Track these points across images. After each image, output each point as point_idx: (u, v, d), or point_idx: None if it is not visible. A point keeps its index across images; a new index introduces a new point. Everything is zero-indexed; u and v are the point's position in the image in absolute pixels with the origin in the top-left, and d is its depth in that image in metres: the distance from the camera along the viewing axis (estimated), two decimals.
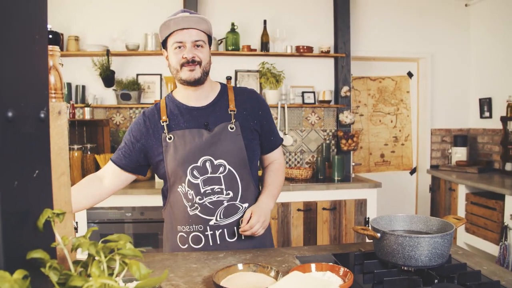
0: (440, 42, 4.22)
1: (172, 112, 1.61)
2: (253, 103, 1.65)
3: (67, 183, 0.99)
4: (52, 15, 3.66)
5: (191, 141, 1.55)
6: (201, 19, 1.52)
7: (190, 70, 1.51)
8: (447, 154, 4.25)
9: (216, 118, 1.59)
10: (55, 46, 0.98)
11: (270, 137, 1.70)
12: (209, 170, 1.55)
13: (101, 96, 3.75)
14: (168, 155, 1.56)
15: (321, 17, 4.03)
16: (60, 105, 0.97)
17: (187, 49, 1.49)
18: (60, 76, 0.99)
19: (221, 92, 1.65)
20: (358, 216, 3.41)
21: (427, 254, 1.25)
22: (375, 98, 4.34)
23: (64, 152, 0.98)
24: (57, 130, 0.97)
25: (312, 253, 1.55)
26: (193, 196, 1.55)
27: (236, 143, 1.57)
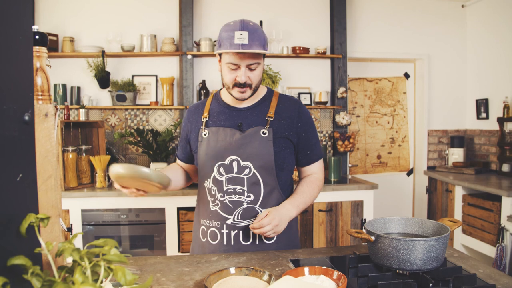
0: (436, 43, 4.22)
1: (213, 109, 1.68)
2: (293, 113, 1.65)
3: (54, 186, 0.97)
4: (47, 16, 3.64)
5: (222, 139, 1.59)
6: (259, 40, 1.49)
7: (241, 92, 1.55)
8: (444, 155, 4.24)
9: (252, 121, 1.61)
10: (42, 47, 0.96)
11: (307, 151, 1.67)
12: (235, 169, 1.58)
13: (97, 98, 3.73)
14: (201, 149, 1.63)
15: (318, 18, 4.02)
16: (47, 107, 0.95)
17: (241, 72, 1.51)
18: (47, 78, 0.97)
19: (265, 97, 1.67)
20: (354, 218, 3.39)
21: (422, 258, 1.23)
22: (372, 99, 4.33)
23: (52, 155, 0.96)
24: (44, 133, 0.95)
25: (307, 256, 1.53)
26: (216, 192, 1.60)
27: (265, 148, 1.57)
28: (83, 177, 3.25)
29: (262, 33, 1.52)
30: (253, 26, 1.50)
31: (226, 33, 1.49)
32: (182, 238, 3.16)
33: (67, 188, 3.08)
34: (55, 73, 3.66)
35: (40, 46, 0.95)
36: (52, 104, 0.95)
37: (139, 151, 3.77)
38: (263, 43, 1.51)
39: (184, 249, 3.16)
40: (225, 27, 1.51)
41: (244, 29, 1.47)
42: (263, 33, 1.52)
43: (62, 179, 3.04)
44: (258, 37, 1.49)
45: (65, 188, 3.05)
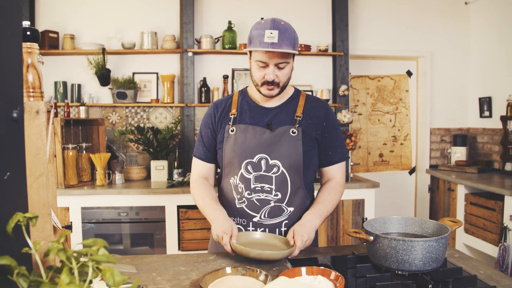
0: (439, 40, 4.18)
1: (241, 106, 1.67)
2: (320, 113, 1.65)
3: (45, 185, 0.95)
4: (47, 14, 3.63)
5: (251, 137, 1.59)
6: (289, 40, 1.48)
7: (269, 89, 1.55)
8: (447, 154, 4.21)
9: (281, 120, 1.62)
10: (33, 43, 0.95)
11: (328, 152, 1.67)
12: (263, 168, 1.58)
13: (97, 95, 3.72)
14: (227, 146, 1.61)
15: (319, 16, 3.99)
16: (38, 104, 0.93)
17: (270, 70, 1.51)
18: (38, 75, 0.95)
19: (293, 96, 1.68)
20: (355, 217, 3.37)
21: (421, 258, 1.21)
22: (374, 97, 4.30)
23: (43, 152, 0.94)
24: (35, 130, 0.93)
25: (305, 256, 1.52)
26: (243, 189, 1.60)
27: (294, 148, 1.58)
28: (83, 175, 3.24)
29: (293, 33, 1.51)
30: (284, 26, 1.49)
31: (256, 31, 1.50)
32: (182, 236, 3.15)
33: (67, 185, 3.07)
34: (56, 70, 3.66)
35: (32, 42, 0.94)
36: (43, 101, 0.93)
37: (139, 148, 3.76)
38: (293, 42, 1.49)
39: (184, 247, 3.15)
40: (256, 25, 1.52)
41: (275, 28, 1.46)
42: (293, 33, 1.51)
43: (62, 177, 3.03)
44: (288, 37, 1.48)
45: (65, 186, 3.04)
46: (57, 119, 3.00)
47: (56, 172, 3.04)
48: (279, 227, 1.60)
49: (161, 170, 3.46)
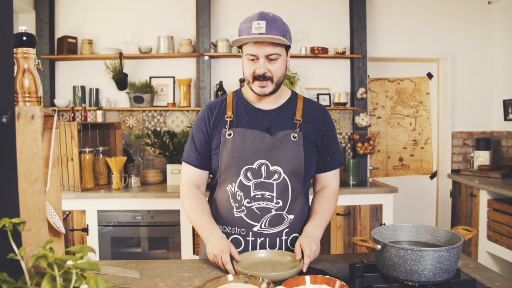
0: (461, 41, 4.05)
1: (237, 109, 1.58)
2: (319, 117, 1.60)
3: (41, 190, 0.95)
4: (67, 20, 3.70)
5: (250, 141, 1.51)
6: (277, 30, 1.42)
7: (261, 86, 1.47)
8: (469, 158, 4.07)
9: (280, 124, 1.55)
10: (30, 48, 0.94)
11: (327, 157, 1.62)
12: (263, 174, 1.50)
13: (115, 99, 3.76)
14: (225, 151, 1.53)
15: (337, 18, 3.93)
16: (34, 109, 0.93)
17: (260, 64, 1.44)
18: (35, 80, 0.95)
19: (290, 99, 1.61)
20: (373, 222, 3.29)
21: (431, 269, 1.16)
22: (393, 100, 4.21)
23: (38, 157, 0.94)
24: (30, 135, 0.93)
25: (313, 263, 1.47)
26: (242, 198, 1.51)
27: (296, 153, 1.52)
28: (100, 178, 3.27)
29: (283, 24, 1.45)
30: (273, 17, 1.44)
31: (244, 24, 1.45)
32: (197, 241, 3.14)
33: (84, 189, 3.11)
34: (75, 75, 3.72)
35: (28, 47, 0.93)
36: (39, 106, 0.93)
37: (156, 152, 3.78)
38: (283, 33, 1.43)
39: (199, 251, 3.13)
40: (244, 20, 1.47)
41: (262, 19, 1.41)
42: (284, 24, 1.45)
43: (78, 180, 3.07)
44: (277, 27, 1.42)
45: (81, 189, 3.08)
46: (74, 123, 3.04)
47: (73, 175, 3.09)
48: (280, 236, 1.53)
49: (177, 173, 3.47)
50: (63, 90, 3.73)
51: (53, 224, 1.25)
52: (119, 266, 1.46)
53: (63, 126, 3.11)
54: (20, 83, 0.93)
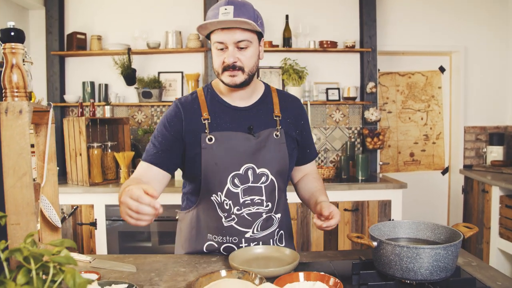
0: (475, 34, 3.95)
1: (213, 108, 1.45)
2: (296, 111, 1.55)
3: (29, 184, 0.95)
4: (76, 16, 3.73)
5: (235, 145, 1.41)
6: (247, 15, 1.31)
7: (231, 75, 1.35)
8: (482, 153, 3.98)
9: (261, 122, 1.46)
10: (18, 44, 0.95)
11: (306, 150, 1.60)
12: (251, 179, 1.43)
13: (123, 94, 3.78)
14: (206, 158, 1.40)
15: (346, 11, 3.87)
16: (22, 104, 0.94)
17: (229, 52, 1.33)
18: (23, 75, 0.95)
19: (265, 93, 1.53)
20: (382, 218, 3.25)
21: (427, 267, 1.13)
22: (404, 95, 4.14)
23: (26, 152, 0.94)
24: (18, 130, 0.94)
25: (310, 259, 1.46)
26: (231, 206, 1.43)
27: (280, 152, 1.46)
28: (108, 173, 3.31)
29: (253, 10, 1.34)
30: (241, 1, 1.34)
31: (211, 11, 1.34)
32: None
33: (92, 183, 3.14)
34: (84, 71, 3.75)
35: (16, 42, 0.94)
36: (27, 101, 0.93)
37: None
38: (253, 18, 1.32)
39: None
40: (212, 6, 1.36)
41: (229, 4, 1.30)
42: (254, 10, 1.35)
43: (87, 175, 3.10)
44: (246, 12, 1.31)
45: (89, 184, 3.11)
46: (82, 118, 3.07)
47: (82, 170, 3.12)
48: (272, 237, 1.50)
49: None
50: (73, 86, 3.77)
51: (49, 218, 1.26)
52: (117, 260, 1.47)
53: (72, 121, 3.14)
54: (8, 78, 0.93)
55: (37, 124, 1.30)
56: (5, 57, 0.94)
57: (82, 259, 1.46)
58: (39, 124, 1.30)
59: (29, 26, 3.69)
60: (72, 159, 3.18)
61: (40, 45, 3.67)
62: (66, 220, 2.93)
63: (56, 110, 3.66)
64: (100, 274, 1.28)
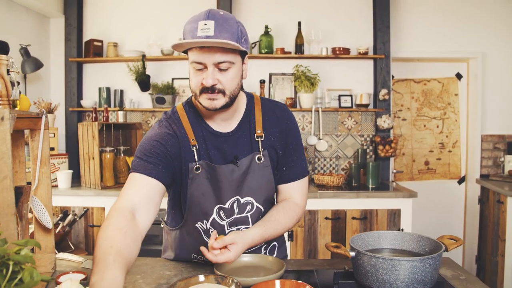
0: (493, 40, 3.85)
1: (198, 134, 1.34)
2: (283, 123, 1.40)
3: (9, 187, 1.00)
4: (93, 24, 3.86)
5: (221, 179, 1.33)
6: (229, 32, 1.17)
7: (210, 99, 1.22)
8: (499, 163, 3.87)
9: (243, 148, 1.35)
10: (2, 55, 1.00)
11: (282, 168, 1.42)
12: (236, 210, 1.37)
13: (138, 100, 3.88)
14: (193, 188, 1.33)
15: (359, 17, 3.85)
16: (3, 112, 0.99)
17: (208, 73, 1.18)
18: (6, 84, 1.01)
19: (248, 109, 1.38)
20: (391, 227, 3.20)
21: (403, 279, 1.12)
22: (420, 102, 4.07)
23: (7, 156, 0.99)
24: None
25: (295, 267, 1.46)
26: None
27: (264, 177, 1.37)
28: (120, 177, 3.39)
29: (236, 25, 1.19)
30: (223, 16, 1.19)
31: (189, 25, 1.19)
32: None
33: (104, 186, 3.23)
34: (100, 77, 3.87)
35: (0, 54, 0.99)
36: (8, 109, 0.98)
37: None
38: (236, 36, 1.18)
39: None
40: (189, 19, 1.21)
41: (210, 18, 1.16)
42: (237, 25, 1.20)
43: (99, 178, 3.19)
44: (229, 29, 1.17)
45: (101, 187, 3.20)
46: (95, 123, 3.17)
47: (94, 173, 3.21)
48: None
49: None
50: (90, 92, 3.89)
51: (39, 219, 1.32)
52: None
53: (86, 126, 3.24)
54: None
55: (32, 129, 1.37)
56: None
57: (75, 259, 1.51)
58: (34, 129, 1.36)
59: (49, 34, 3.84)
60: (86, 162, 3.28)
61: (59, 52, 3.82)
62: (77, 222, 3.02)
63: (73, 115, 3.79)
64: (87, 275, 1.33)
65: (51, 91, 3.88)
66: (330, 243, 1.25)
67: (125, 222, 1.08)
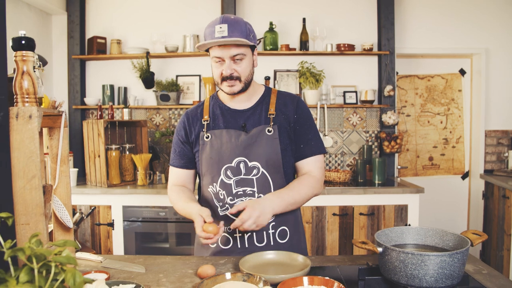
0: (496, 35, 3.86)
1: (214, 112, 1.65)
2: (291, 107, 1.64)
3: (38, 186, 0.99)
4: (96, 21, 3.83)
5: (227, 141, 1.57)
6: (239, 32, 1.47)
7: (230, 85, 1.53)
8: (503, 158, 3.88)
9: (255, 121, 1.60)
10: (28, 51, 0.98)
11: (300, 145, 1.63)
12: (243, 171, 1.56)
13: (142, 97, 3.85)
14: (204, 153, 1.59)
15: (364, 14, 3.85)
16: (31, 109, 0.97)
17: (226, 65, 1.50)
18: (33, 81, 0.99)
19: (264, 95, 1.66)
20: (398, 223, 3.21)
21: (432, 274, 1.12)
22: (423, 98, 4.07)
23: (35, 155, 0.98)
24: (27, 134, 0.97)
25: (317, 264, 1.46)
26: (225, 196, 1.57)
27: (272, 147, 1.56)
28: (126, 175, 3.37)
29: (245, 25, 1.51)
30: (234, 19, 1.50)
31: (208, 29, 1.51)
32: None
33: (110, 185, 3.21)
34: (104, 74, 3.85)
35: (27, 50, 0.97)
36: (36, 107, 0.97)
37: None
38: (245, 33, 1.49)
39: None
40: (208, 24, 1.53)
41: (224, 22, 1.47)
42: (246, 25, 1.51)
43: (105, 176, 3.17)
44: (239, 29, 1.48)
45: (107, 185, 3.18)
46: (101, 121, 3.15)
47: (100, 171, 3.19)
48: (267, 230, 1.57)
49: None
50: (93, 89, 3.86)
51: (60, 218, 1.30)
52: (128, 260, 1.50)
53: (91, 123, 3.22)
54: (19, 85, 0.98)
55: (51, 127, 1.35)
56: (16, 65, 0.98)
57: (94, 259, 1.50)
58: (53, 127, 1.34)
59: (52, 31, 3.80)
60: (91, 160, 3.26)
61: (62, 49, 3.78)
62: (84, 220, 3.00)
63: (77, 113, 3.76)
64: (109, 274, 1.31)
65: (53, 89, 3.85)
66: (357, 239, 1.24)
67: (180, 189, 1.66)
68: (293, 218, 1.66)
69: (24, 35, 0.97)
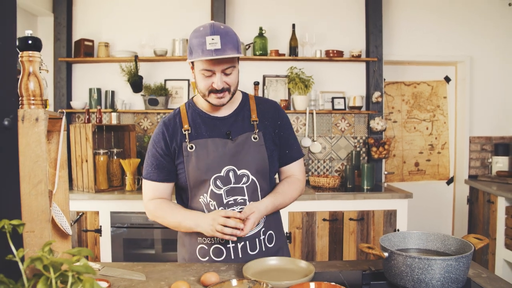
0: (480, 44, 3.96)
1: (193, 120, 1.57)
2: (273, 113, 1.63)
3: (44, 192, 0.96)
4: (83, 23, 3.77)
5: (214, 150, 1.52)
6: (231, 43, 1.40)
7: (219, 98, 1.47)
8: (487, 164, 3.97)
9: (239, 128, 1.57)
10: (35, 52, 0.96)
11: (285, 150, 1.65)
12: (232, 180, 1.52)
13: (130, 102, 3.80)
14: (190, 164, 1.53)
15: (352, 21, 3.90)
16: (38, 112, 0.94)
17: (218, 78, 1.43)
18: (39, 83, 0.96)
19: (243, 101, 1.63)
20: (387, 228, 3.24)
21: (439, 278, 1.13)
22: (410, 104, 4.14)
23: (42, 160, 0.95)
24: (34, 137, 0.94)
25: (320, 269, 1.45)
26: (215, 207, 1.52)
27: (259, 153, 1.55)
28: (113, 180, 3.31)
29: (234, 35, 1.45)
30: (224, 29, 1.42)
31: (196, 39, 1.41)
32: None
33: (98, 190, 3.14)
34: (91, 77, 3.78)
35: (33, 51, 0.95)
36: (43, 109, 0.94)
37: None
38: (236, 45, 1.42)
39: None
40: (195, 33, 1.43)
41: (215, 33, 1.39)
42: (235, 35, 1.45)
43: (92, 181, 3.11)
44: (230, 40, 1.41)
45: (95, 190, 3.11)
46: (89, 125, 3.09)
47: (88, 176, 3.13)
48: (258, 237, 1.56)
49: None
50: (80, 92, 3.79)
51: (60, 225, 1.26)
52: (126, 268, 1.47)
53: (78, 128, 3.15)
54: (25, 86, 0.95)
55: (49, 131, 1.31)
56: (22, 65, 0.95)
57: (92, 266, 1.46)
58: (51, 131, 1.31)
59: (37, 32, 3.72)
60: (78, 165, 3.19)
61: (47, 51, 3.70)
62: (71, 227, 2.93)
63: None
64: (110, 282, 1.28)
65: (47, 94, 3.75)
66: (363, 244, 1.24)
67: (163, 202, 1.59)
68: (277, 221, 1.68)
69: (30, 35, 0.94)
